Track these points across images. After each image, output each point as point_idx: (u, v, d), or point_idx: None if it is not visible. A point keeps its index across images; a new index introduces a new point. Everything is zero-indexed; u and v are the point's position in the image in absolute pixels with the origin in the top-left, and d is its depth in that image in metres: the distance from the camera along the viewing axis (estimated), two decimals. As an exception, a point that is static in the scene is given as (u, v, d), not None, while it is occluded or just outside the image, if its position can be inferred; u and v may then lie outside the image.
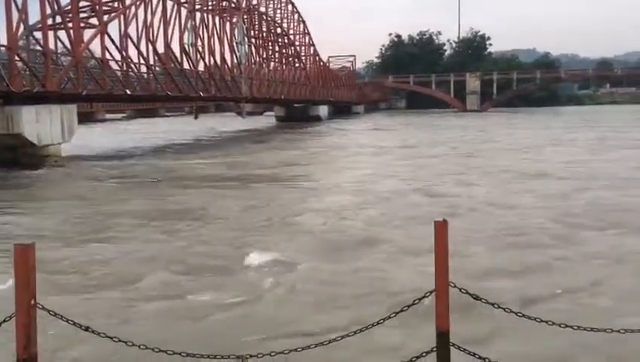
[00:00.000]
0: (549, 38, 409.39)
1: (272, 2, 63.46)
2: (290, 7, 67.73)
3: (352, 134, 44.79)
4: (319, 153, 29.52)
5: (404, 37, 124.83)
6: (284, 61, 65.80)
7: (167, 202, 14.94)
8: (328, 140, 39.19)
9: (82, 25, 30.84)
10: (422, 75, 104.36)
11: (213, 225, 12.05)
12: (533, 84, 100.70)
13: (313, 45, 74.12)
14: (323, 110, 73.44)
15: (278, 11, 66.00)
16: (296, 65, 68.70)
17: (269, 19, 62.39)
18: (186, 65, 40.07)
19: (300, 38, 71.34)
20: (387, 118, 75.55)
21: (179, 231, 11.35)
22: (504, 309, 4.09)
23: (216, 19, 46.10)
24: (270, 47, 62.16)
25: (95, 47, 32.56)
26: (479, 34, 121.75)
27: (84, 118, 56.12)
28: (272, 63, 62.89)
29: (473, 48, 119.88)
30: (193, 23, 41.39)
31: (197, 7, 43.27)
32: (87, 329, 3.97)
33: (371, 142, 35.30)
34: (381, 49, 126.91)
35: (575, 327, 4.13)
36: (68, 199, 15.98)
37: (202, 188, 17.42)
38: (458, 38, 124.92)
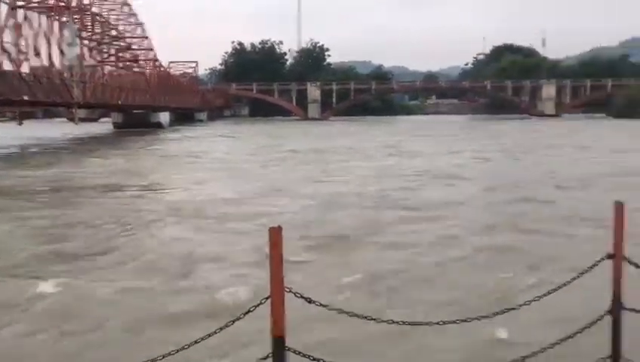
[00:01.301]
0: (383, 51, 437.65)
1: (106, 3, 60.24)
2: (126, 8, 64.86)
3: (188, 142, 43.67)
4: (143, 163, 28.49)
5: (247, 45, 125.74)
6: (120, 65, 62.71)
7: None
8: (163, 148, 37.81)
9: None
10: (265, 83, 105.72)
11: None
12: (369, 94, 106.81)
13: (152, 49, 71.65)
14: (164, 117, 71.15)
15: (113, 13, 62.84)
16: (135, 69, 65.86)
17: (103, 20, 59.10)
18: (7, 67, 36.50)
19: (138, 42, 68.53)
20: (232, 126, 75.27)
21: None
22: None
23: (43, 17, 42.63)
24: (105, 50, 58.91)
25: None
26: (318, 45, 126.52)
27: None
28: (108, 67, 59.64)
29: (313, 59, 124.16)
30: (15, 20, 37.83)
31: (20, 3, 39.66)
32: None
33: (216, 150, 34.91)
34: (224, 56, 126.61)
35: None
36: None
37: None
38: (299, 48, 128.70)
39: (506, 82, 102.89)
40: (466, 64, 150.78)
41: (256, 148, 35.92)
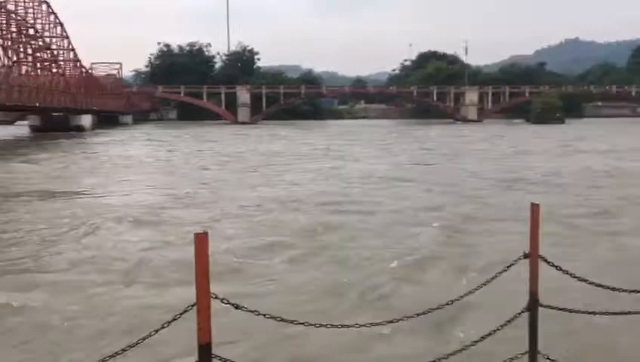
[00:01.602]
0: (313, 56, 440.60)
1: (22, 1, 57.37)
2: (44, 7, 62.02)
3: (111, 146, 42.27)
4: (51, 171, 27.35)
5: (174, 47, 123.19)
6: (38, 65, 59.84)
7: None
8: (83, 153, 36.30)
9: None
10: (193, 86, 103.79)
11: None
12: (298, 98, 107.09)
13: (73, 50, 68.84)
14: (86, 119, 68.32)
15: (30, 11, 59.94)
16: (54, 70, 63.03)
17: (19, 18, 56.22)
18: None
19: (57, 42, 65.63)
20: (158, 129, 73.40)
21: None
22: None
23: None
24: (22, 50, 56.03)
25: None
26: (248, 48, 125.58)
27: None
28: (25, 67, 56.75)
29: (242, 62, 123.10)
30: None
31: None
32: None
33: (141, 154, 33.90)
34: (150, 58, 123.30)
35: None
36: None
37: None
38: (228, 51, 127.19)
39: (431, 88, 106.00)
40: (394, 70, 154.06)
41: (184, 152, 35.18)
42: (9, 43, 52.23)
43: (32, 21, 60.35)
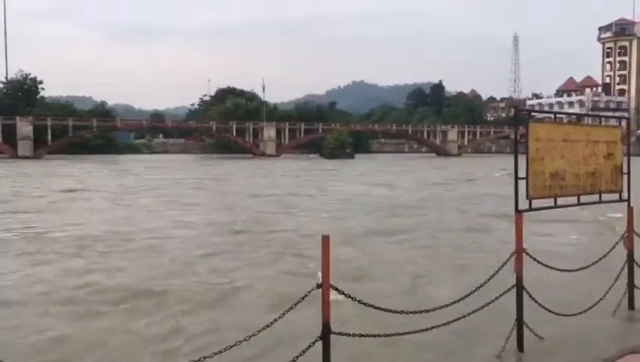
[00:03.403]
0: (107, 88, 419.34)
1: None
2: None
3: None
4: None
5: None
6: None
7: None
8: None
9: None
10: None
11: None
12: (90, 131, 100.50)
13: None
14: None
15: None
16: None
17: None
18: None
19: None
20: None
21: None
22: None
23: None
24: None
25: None
26: (30, 77, 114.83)
27: None
28: None
29: (24, 91, 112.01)
30: None
31: None
32: None
33: None
34: None
35: None
36: None
37: None
38: (6, 78, 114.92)
39: (230, 123, 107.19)
40: (192, 104, 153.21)
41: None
42: None
43: None
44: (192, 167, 63.20)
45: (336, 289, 5.12)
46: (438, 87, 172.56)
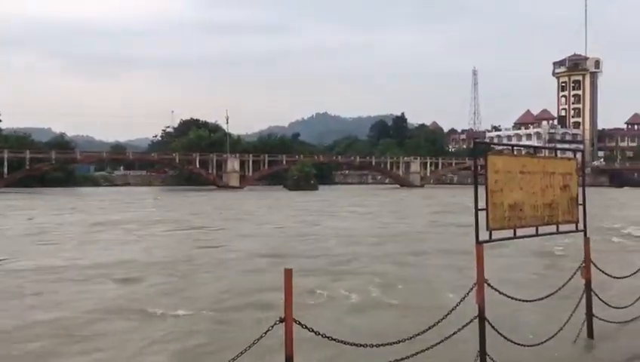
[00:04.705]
0: (66, 119, 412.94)
1: None
2: None
3: None
4: None
5: None
6: None
7: None
8: None
9: None
10: None
11: None
12: (48, 163, 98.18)
13: None
14: None
15: None
16: None
17: None
18: None
19: None
20: None
21: None
22: None
23: None
24: None
25: None
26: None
27: None
28: None
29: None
30: None
31: None
32: None
33: None
34: None
35: None
36: None
37: None
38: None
39: (194, 155, 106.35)
40: (155, 136, 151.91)
41: None
42: None
43: None
44: (132, 201, 62.18)
45: (300, 323, 5.07)
46: (401, 119, 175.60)
